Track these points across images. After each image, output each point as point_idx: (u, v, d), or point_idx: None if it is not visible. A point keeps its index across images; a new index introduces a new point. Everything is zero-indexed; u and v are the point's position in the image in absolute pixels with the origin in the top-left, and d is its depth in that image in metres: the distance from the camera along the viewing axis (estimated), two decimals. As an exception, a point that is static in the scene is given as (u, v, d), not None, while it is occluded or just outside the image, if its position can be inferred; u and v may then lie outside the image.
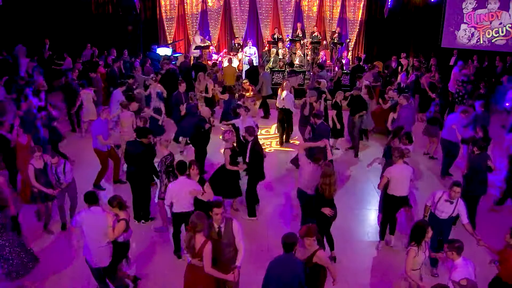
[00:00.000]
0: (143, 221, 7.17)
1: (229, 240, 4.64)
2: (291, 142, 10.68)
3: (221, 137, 10.07)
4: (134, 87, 10.83)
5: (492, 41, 15.54)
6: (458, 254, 4.48)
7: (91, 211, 5.00)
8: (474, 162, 6.85)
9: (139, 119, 7.94)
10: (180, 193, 5.71)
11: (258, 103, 11.55)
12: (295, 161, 8.45)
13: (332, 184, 5.71)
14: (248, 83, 11.49)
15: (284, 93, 10.13)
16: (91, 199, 5.03)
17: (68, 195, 6.88)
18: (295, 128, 10.57)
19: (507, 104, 11.35)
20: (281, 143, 10.56)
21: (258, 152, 7.05)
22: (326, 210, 5.79)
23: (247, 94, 11.00)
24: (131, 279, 5.64)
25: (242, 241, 4.69)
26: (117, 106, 9.55)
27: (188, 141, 9.43)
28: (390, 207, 6.42)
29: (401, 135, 7.49)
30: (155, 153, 7.32)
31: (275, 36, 16.09)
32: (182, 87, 9.99)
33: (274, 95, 12.25)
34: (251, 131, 7.10)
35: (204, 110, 8.64)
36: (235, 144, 7.49)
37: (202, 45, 15.81)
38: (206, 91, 11.18)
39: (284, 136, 10.56)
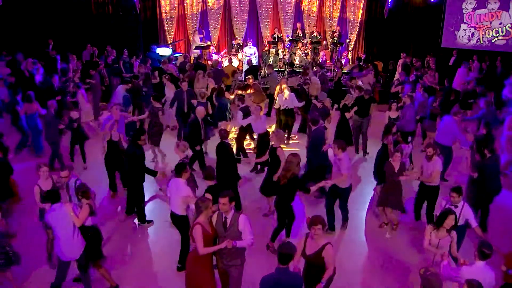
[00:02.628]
0: (139, 222, 7.10)
1: (233, 233, 4.61)
2: (290, 142, 10.73)
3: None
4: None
5: (492, 41, 15.54)
6: (479, 258, 4.46)
7: (52, 209, 5.13)
8: (487, 166, 6.80)
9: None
10: (171, 193, 5.76)
11: (262, 104, 11.43)
12: None
13: (287, 170, 5.92)
14: (252, 80, 11.52)
15: (287, 92, 10.17)
16: (53, 198, 5.21)
17: None
18: (294, 128, 10.77)
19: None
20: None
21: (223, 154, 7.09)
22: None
23: (248, 91, 11.04)
24: (113, 285, 5.58)
25: (251, 235, 4.63)
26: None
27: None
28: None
29: (393, 132, 7.59)
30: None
31: (275, 36, 16.10)
32: (184, 86, 10.02)
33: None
34: (222, 134, 7.23)
35: (198, 110, 8.61)
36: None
37: (202, 45, 15.82)
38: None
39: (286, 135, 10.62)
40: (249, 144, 10.01)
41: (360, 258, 6.45)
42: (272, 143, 7.09)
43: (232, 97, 10.62)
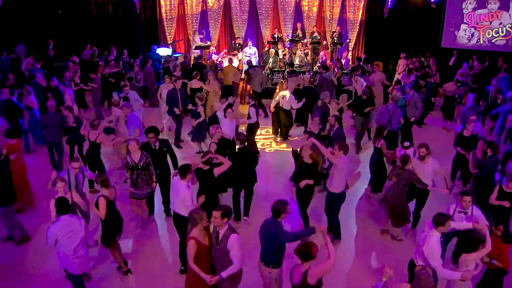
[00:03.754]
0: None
1: (223, 249, 4.51)
2: (289, 138, 10.79)
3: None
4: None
5: (492, 41, 15.54)
6: (433, 227, 4.70)
7: (62, 221, 4.85)
8: (486, 165, 6.82)
9: None
10: (173, 193, 5.74)
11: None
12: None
13: (317, 156, 6.44)
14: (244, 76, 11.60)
15: (287, 94, 10.21)
16: (63, 208, 4.86)
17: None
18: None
19: None
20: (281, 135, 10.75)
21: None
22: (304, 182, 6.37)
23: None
24: (122, 265, 5.81)
25: (236, 258, 4.48)
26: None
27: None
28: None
29: (384, 135, 7.61)
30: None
31: (275, 36, 16.09)
32: (178, 84, 10.07)
33: (269, 95, 12.28)
34: (242, 138, 7.22)
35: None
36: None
37: (202, 45, 15.82)
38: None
39: (284, 132, 10.67)
40: None
41: (360, 258, 6.45)
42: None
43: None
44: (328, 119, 8.37)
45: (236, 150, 7.33)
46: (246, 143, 7.26)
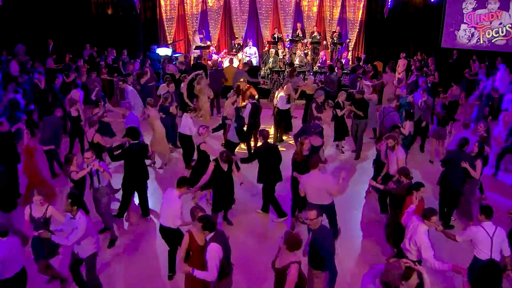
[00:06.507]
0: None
1: (203, 256, 4.50)
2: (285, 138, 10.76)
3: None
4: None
5: (492, 41, 15.54)
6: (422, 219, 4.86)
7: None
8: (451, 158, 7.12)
9: None
10: (164, 203, 5.60)
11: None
12: None
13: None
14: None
15: (281, 93, 10.27)
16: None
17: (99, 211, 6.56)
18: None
19: None
20: (274, 140, 10.52)
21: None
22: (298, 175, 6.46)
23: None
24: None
25: (209, 268, 4.31)
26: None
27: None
28: None
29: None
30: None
31: (275, 36, 16.10)
32: (171, 87, 10.15)
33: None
34: (265, 134, 7.37)
35: (229, 110, 8.69)
36: None
37: (202, 45, 15.82)
38: None
39: (278, 135, 10.62)
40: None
41: (360, 258, 6.45)
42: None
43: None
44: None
45: (258, 146, 7.43)
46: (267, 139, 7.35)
